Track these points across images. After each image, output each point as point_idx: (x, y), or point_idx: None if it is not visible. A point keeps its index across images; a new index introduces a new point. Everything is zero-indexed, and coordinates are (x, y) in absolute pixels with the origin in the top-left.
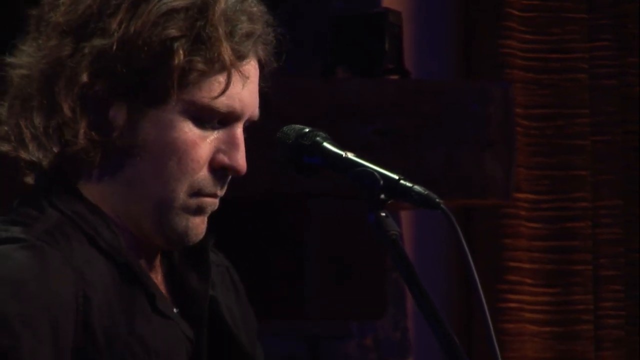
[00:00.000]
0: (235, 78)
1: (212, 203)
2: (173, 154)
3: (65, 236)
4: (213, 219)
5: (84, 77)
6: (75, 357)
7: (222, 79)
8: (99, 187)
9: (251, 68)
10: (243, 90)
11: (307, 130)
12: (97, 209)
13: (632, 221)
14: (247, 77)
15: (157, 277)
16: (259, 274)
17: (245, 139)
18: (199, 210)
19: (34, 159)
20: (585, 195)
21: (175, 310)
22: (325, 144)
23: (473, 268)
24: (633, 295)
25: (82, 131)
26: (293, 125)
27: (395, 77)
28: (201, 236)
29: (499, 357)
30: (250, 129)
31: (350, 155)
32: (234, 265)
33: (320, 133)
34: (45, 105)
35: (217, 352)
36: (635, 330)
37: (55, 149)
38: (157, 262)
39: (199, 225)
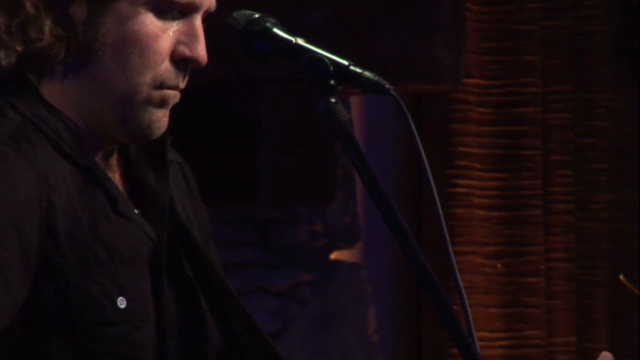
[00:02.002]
0: None
1: (175, 95)
2: (135, 47)
3: (28, 140)
4: None
5: None
6: (40, 262)
7: None
8: (62, 86)
9: None
10: None
11: (257, 16)
12: (57, 111)
13: (581, 107)
14: None
15: (115, 177)
16: (210, 161)
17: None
18: (161, 103)
19: None
20: (534, 81)
21: (136, 211)
22: (275, 30)
23: (422, 153)
24: (582, 181)
25: (47, 27)
26: (243, 11)
27: None
28: (163, 130)
29: (448, 241)
30: None
31: (300, 41)
32: (186, 153)
33: (270, 19)
34: (6, 4)
35: (173, 249)
36: (585, 215)
37: (18, 47)
38: (114, 160)
39: (161, 119)
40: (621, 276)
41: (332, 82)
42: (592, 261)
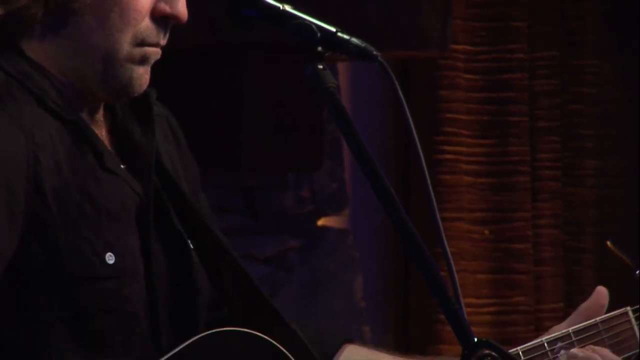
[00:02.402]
0: None
1: (155, 53)
2: (115, 5)
3: (13, 98)
4: (152, 71)
5: None
6: (28, 220)
7: None
8: (43, 45)
9: None
10: None
11: None
12: (41, 68)
13: (568, 73)
14: None
15: (102, 133)
16: (197, 126)
17: None
18: (142, 60)
19: None
20: (521, 47)
21: (122, 166)
22: None
23: (410, 120)
24: (570, 147)
25: None
26: None
27: None
28: (144, 87)
29: (436, 208)
30: None
31: (287, 8)
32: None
33: None
34: None
35: (161, 203)
36: (572, 181)
37: None
38: (101, 116)
39: (142, 76)
40: (609, 242)
41: (319, 48)
42: (579, 227)
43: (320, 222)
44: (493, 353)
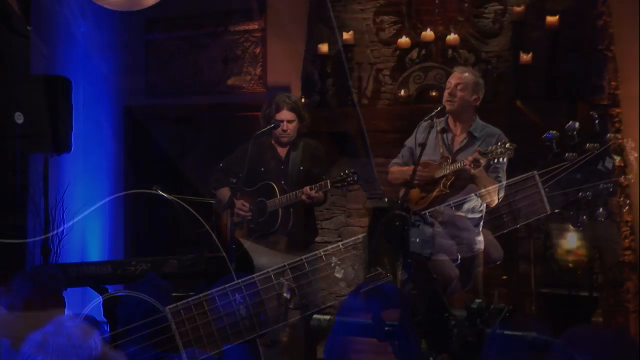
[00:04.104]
0: None
1: None
2: None
3: None
4: None
5: None
6: None
7: None
8: None
9: None
10: None
11: None
12: None
13: None
14: None
15: (14, 1)
16: None
17: None
18: None
19: None
20: None
21: (29, 28)
22: None
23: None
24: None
25: None
26: None
27: None
28: None
29: (347, 68)
30: None
31: None
32: None
33: None
34: None
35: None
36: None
37: None
38: None
39: None
40: (518, 102)
41: None
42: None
43: (230, 82)
44: (402, 213)
